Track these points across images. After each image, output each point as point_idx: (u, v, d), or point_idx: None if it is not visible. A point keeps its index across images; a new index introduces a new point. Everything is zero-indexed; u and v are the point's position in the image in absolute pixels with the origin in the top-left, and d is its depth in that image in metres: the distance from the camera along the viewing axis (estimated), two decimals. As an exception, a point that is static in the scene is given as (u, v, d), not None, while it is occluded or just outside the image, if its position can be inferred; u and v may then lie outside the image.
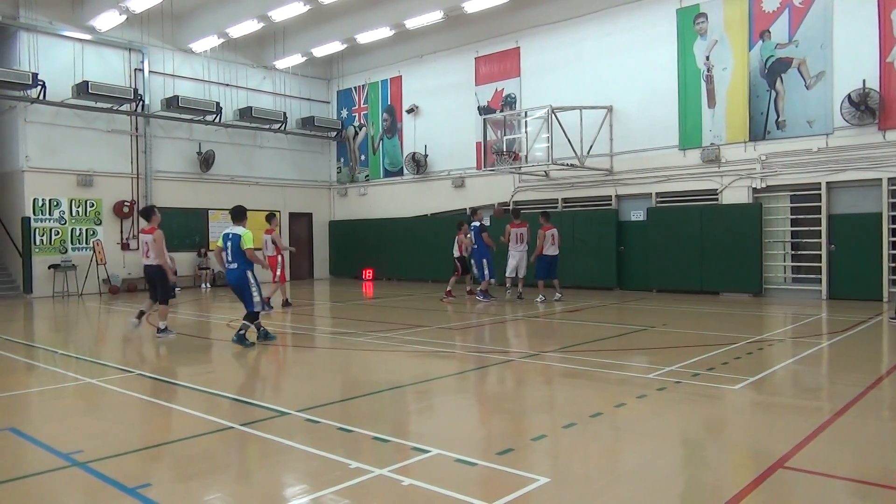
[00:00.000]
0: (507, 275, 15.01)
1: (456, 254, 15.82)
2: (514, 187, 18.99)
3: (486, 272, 14.60)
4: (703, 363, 7.39)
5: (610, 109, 17.00)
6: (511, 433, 5.17)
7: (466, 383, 7.07)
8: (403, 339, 9.62)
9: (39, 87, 17.07)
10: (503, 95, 19.31)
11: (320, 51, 20.70)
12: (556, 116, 15.64)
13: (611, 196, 17.15)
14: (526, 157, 16.74)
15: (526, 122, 16.76)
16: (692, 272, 15.56)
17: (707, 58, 15.51)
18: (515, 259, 14.84)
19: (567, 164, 16.44)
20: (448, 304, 14.69)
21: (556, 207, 18.10)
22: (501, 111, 18.83)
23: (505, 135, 17.35)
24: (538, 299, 14.17)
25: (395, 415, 5.82)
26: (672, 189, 16.19)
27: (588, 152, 16.75)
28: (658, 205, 16.42)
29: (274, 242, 14.13)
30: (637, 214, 16.74)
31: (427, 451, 4.51)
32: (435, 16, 17.47)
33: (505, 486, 3.92)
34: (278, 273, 14.20)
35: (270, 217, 14.53)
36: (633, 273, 16.78)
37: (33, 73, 16.88)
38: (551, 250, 14.51)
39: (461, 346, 8.94)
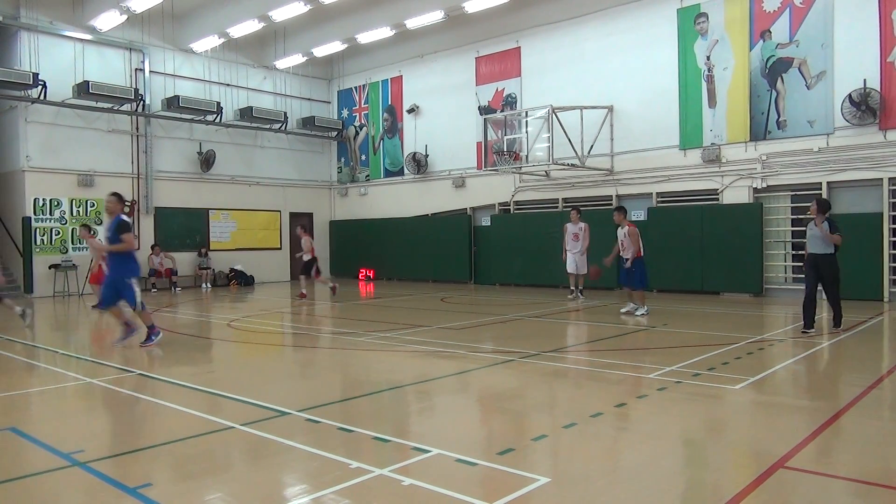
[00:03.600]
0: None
1: (308, 257, 15.97)
2: (514, 187, 18.99)
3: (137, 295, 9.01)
4: (704, 363, 7.39)
5: (610, 109, 17.00)
6: (511, 433, 5.17)
7: (467, 383, 7.07)
8: (404, 338, 9.63)
9: (40, 87, 17.08)
10: (504, 95, 19.31)
11: (321, 51, 20.70)
12: (556, 116, 15.64)
13: (611, 196, 17.14)
14: (526, 156, 16.75)
15: (526, 121, 16.76)
16: (693, 272, 15.55)
17: (708, 58, 15.50)
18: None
19: (568, 164, 16.44)
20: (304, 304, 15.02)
21: (556, 207, 18.10)
22: (502, 111, 18.83)
23: (505, 135, 17.35)
24: (622, 310, 12.23)
25: (395, 415, 5.82)
26: (673, 189, 16.18)
27: (589, 152, 16.75)
28: (659, 205, 16.42)
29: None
30: (638, 214, 16.71)
31: (427, 451, 4.51)
32: (435, 16, 17.47)
33: (505, 486, 3.92)
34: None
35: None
36: (633, 273, 16.74)
37: (34, 73, 16.90)
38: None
39: (462, 345, 8.94)
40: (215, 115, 20.38)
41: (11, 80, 16.58)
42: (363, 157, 23.47)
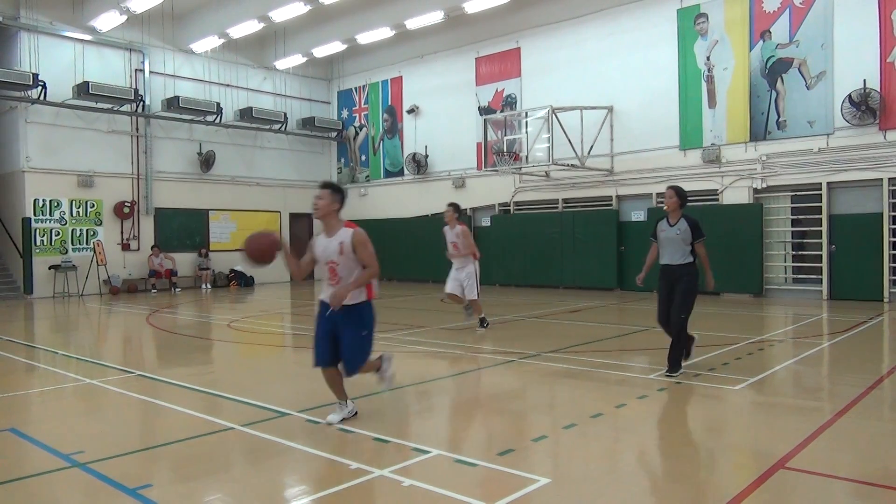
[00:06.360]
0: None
1: None
2: (514, 188, 18.99)
3: None
4: (704, 364, 7.38)
5: (610, 110, 17.00)
6: (511, 434, 5.17)
7: (467, 384, 7.06)
8: (404, 339, 9.62)
9: (40, 88, 17.09)
10: (504, 96, 19.30)
11: (321, 51, 20.70)
12: (556, 117, 15.64)
13: (611, 196, 17.14)
14: (526, 157, 16.75)
15: (526, 122, 16.77)
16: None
17: (708, 58, 15.50)
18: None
19: (568, 165, 16.44)
20: None
21: (556, 208, 18.11)
22: (502, 111, 18.83)
23: (505, 135, 17.36)
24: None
25: (395, 415, 5.81)
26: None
27: (588, 153, 16.75)
28: (659, 205, 16.41)
29: None
30: (638, 215, 16.73)
31: (427, 452, 4.50)
32: (435, 16, 17.47)
33: (505, 487, 3.92)
34: None
35: None
36: (633, 273, 16.70)
37: (34, 74, 16.90)
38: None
39: (461, 346, 8.94)
40: (215, 116, 20.38)
41: (11, 81, 16.60)
42: (363, 158, 23.47)
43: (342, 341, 5.12)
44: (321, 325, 5.22)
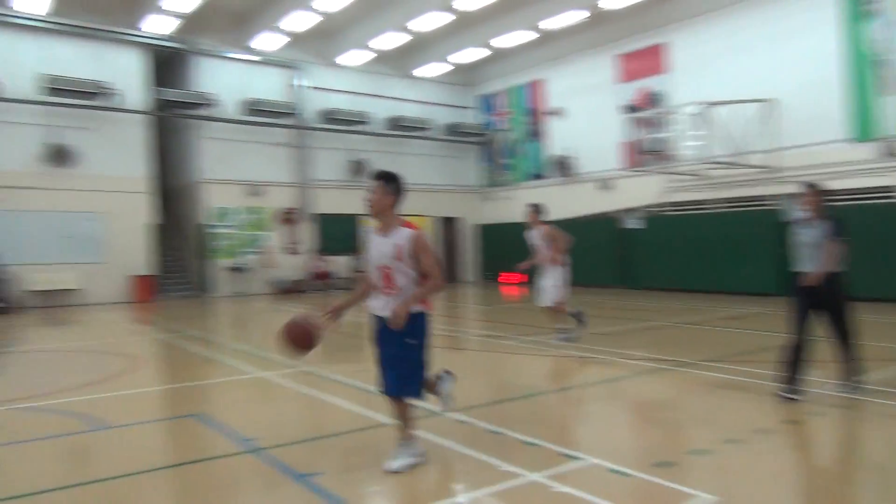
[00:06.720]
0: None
1: None
2: (663, 187, 18.22)
3: None
4: (885, 380, 6.66)
5: (769, 102, 15.83)
6: (667, 445, 4.97)
7: (618, 390, 6.88)
8: (552, 343, 9.54)
9: (212, 106, 18.94)
10: (649, 92, 18.61)
11: (461, 57, 21.12)
12: (707, 112, 14.83)
13: (772, 195, 15.95)
14: (676, 155, 16.03)
15: (675, 119, 16.06)
16: (866, 276, 14.02)
17: (881, 41, 13.98)
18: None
19: (721, 162, 15.51)
20: None
21: (712, 208, 17.15)
22: (648, 109, 18.16)
23: (652, 133, 16.73)
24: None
25: (544, 419, 5.79)
26: (843, 186, 14.70)
27: (745, 149, 15.70)
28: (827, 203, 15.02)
29: None
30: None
31: (579, 459, 4.45)
32: (578, 15, 17.28)
33: (664, 501, 3.78)
34: None
35: None
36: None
37: (207, 93, 18.81)
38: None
39: (611, 352, 8.72)
40: (365, 125, 21.44)
41: (189, 101, 18.60)
42: (506, 161, 23.60)
43: (386, 352, 4.44)
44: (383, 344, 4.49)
